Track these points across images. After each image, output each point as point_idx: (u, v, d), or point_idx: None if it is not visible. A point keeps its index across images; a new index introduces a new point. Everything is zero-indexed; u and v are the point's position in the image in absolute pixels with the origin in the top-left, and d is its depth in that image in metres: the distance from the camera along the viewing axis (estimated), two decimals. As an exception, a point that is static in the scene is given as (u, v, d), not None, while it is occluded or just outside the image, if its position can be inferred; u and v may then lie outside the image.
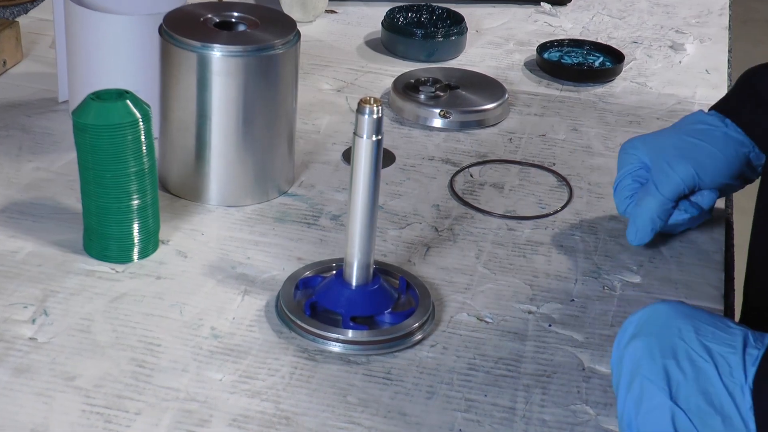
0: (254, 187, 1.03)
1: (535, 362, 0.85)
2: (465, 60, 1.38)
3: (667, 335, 0.71)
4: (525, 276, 0.96)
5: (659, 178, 0.98)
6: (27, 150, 1.08)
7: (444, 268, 0.96)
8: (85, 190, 0.90)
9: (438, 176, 1.11)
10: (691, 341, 0.70)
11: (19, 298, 0.87)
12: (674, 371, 0.69)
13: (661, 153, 0.99)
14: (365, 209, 0.84)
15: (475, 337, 0.87)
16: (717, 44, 1.50)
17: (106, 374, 0.80)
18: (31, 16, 1.41)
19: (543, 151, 1.18)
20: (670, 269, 0.98)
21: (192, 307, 0.88)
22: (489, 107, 1.22)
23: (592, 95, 1.32)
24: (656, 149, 0.99)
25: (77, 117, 0.88)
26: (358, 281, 0.87)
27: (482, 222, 1.04)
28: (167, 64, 0.99)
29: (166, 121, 1.02)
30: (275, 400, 0.79)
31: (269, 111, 1.00)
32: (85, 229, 0.92)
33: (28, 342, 0.82)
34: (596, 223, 1.05)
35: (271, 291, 0.90)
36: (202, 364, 0.82)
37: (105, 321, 0.85)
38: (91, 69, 1.10)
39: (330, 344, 0.84)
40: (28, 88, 1.22)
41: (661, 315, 0.72)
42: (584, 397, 0.82)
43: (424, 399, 0.80)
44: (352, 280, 0.87)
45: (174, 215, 1.00)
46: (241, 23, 1.02)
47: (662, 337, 0.71)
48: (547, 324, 0.90)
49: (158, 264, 0.93)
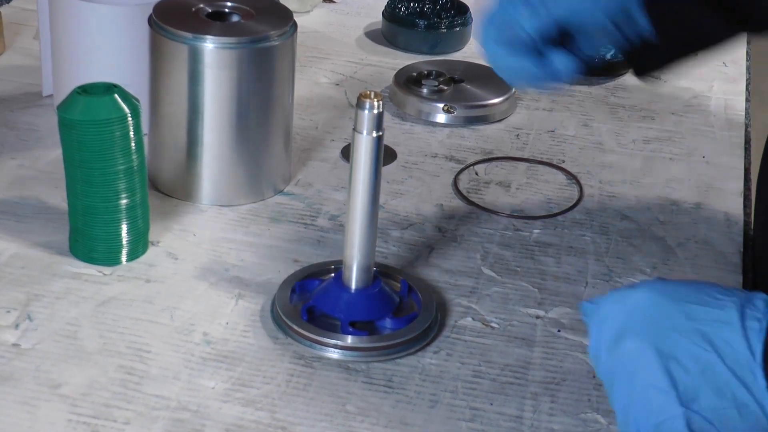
0: (249, 185, 1.03)
1: (543, 369, 0.85)
2: (470, 52, 1.38)
3: (660, 331, 0.69)
4: (533, 279, 0.96)
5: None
6: (10, 147, 1.09)
7: (448, 270, 0.96)
8: (71, 189, 0.91)
9: (441, 174, 1.11)
10: (686, 331, 0.68)
11: (2, 302, 0.87)
12: (678, 372, 0.67)
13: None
14: (365, 209, 0.84)
15: (480, 342, 0.88)
16: (735, 35, 1.50)
17: (93, 382, 0.80)
18: (14, 6, 1.42)
19: (552, 147, 1.18)
20: (684, 271, 0.98)
21: (183, 311, 0.88)
22: (495, 102, 1.23)
23: (603, 89, 1.32)
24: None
25: (63, 112, 0.88)
26: (357, 284, 0.87)
27: (488, 222, 1.04)
28: (157, 56, 1.00)
29: (156, 116, 1.02)
30: (271, 409, 0.79)
31: (264, 106, 1.01)
32: (71, 230, 0.93)
33: (11, 348, 0.83)
34: (608, 223, 1.05)
35: (266, 294, 0.90)
36: (194, 372, 0.82)
37: (92, 326, 0.86)
38: (77, 61, 1.10)
39: (328, 350, 0.84)
40: (10, 82, 1.22)
41: (645, 306, 0.70)
42: (595, 406, 0.82)
43: (427, 408, 0.81)
44: (351, 284, 0.87)
45: (164, 215, 1.00)
46: (234, 14, 1.02)
47: (655, 336, 0.69)
48: (556, 329, 0.90)
49: (148, 266, 0.93)
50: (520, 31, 0.83)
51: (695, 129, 1.25)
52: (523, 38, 0.83)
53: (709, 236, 1.04)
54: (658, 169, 1.15)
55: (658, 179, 1.13)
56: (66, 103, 0.89)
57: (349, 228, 0.85)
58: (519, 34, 0.83)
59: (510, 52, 0.84)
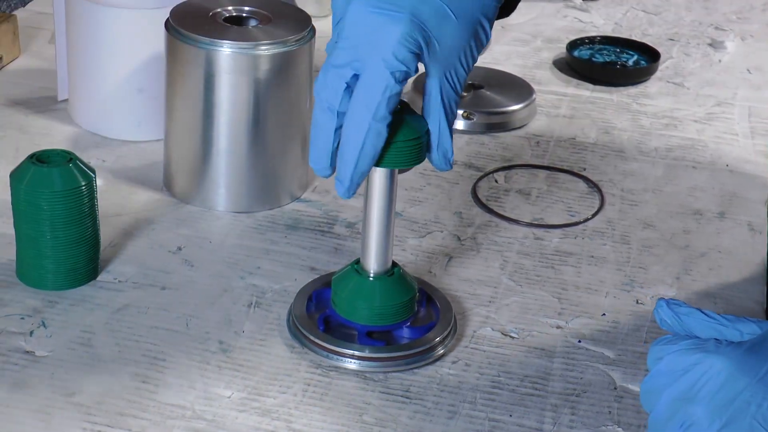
0: (265, 192, 1.03)
1: (563, 380, 0.85)
2: (490, 58, 1.38)
3: (738, 417, 0.63)
4: (553, 288, 0.96)
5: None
6: (24, 151, 1.08)
7: (466, 279, 0.96)
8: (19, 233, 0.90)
9: (460, 182, 1.11)
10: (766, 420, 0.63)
11: (16, 309, 0.88)
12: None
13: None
14: (382, 216, 0.84)
15: (499, 353, 0.88)
16: (759, 42, 1.50)
17: (107, 390, 0.80)
18: (30, 9, 1.42)
19: (572, 155, 1.18)
20: (708, 282, 0.98)
21: (199, 319, 0.88)
22: (515, 108, 1.23)
23: (625, 96, 1.32)
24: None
25: (15, 181, 0.88)
26: (375, 293, 0.87)
27: (507, 231, 1.04)
28: (174, 61, 1.00)
29: (172, 121, 1.03)
30: (287, 419, 0.79)
31: (282, 111, 1.01)
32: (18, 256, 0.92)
33: (26, 356, 0.83)
34: (629, 232, 1.05)
35: (282, 303, 0.91)
36: (209, 380, 0.82)
37: (107, 334, 0.86)
38: (92, 66, 1.11)
39: (345, 360, 0.84)
40: (25, 86, 1.23)
41: (721, 378, 0.64)
42: (616, 418, 0.82)
43: (445, 419, 0.81)
44: (368, 292, 0.87)
45: (180, 222, 1.00)
46: (252, 18, 1.03)
47: (732, 421, 0.63)
48: (577, 340, 0.90)
49: (163, 274, 0.93)
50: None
51: (718, 137, 1.24)
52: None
53: (733, 246, 1.04)
54: (680, 178, 1.15)
55: (680, 188, 1.13)
56: (19, 170, 0.88)
57: (366, 236, 0.85)
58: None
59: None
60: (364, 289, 0.85)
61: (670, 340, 0.68)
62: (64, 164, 0.87)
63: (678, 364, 0.66)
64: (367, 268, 0.85)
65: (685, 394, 0.65)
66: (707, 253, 1.02)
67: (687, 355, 0.66)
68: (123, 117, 1.13)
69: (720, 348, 0.65)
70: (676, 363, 0.66)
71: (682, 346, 0.67)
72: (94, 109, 1.13)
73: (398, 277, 0.86)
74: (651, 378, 0.67)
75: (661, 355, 0.67)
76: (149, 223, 1.00)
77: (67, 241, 0.88)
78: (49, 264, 0.89)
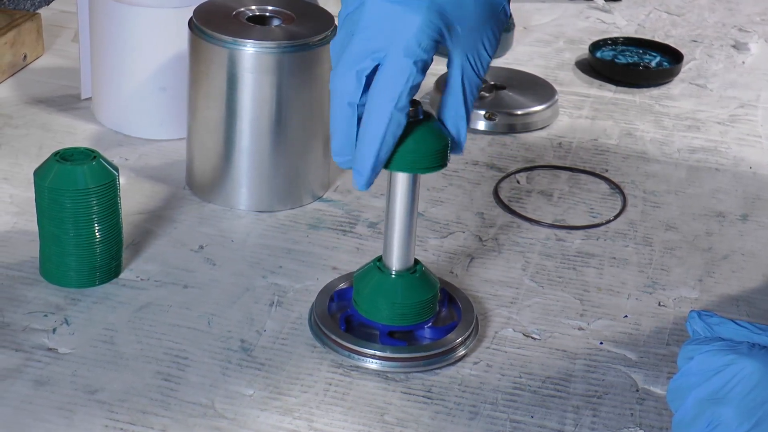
0: (287, 191, 1.04)
1: (585, 382, 0.85)
2: (512, 59, 1.38)
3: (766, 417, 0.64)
4: (575, 290, 0.96)
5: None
6: (48, 149, 1.10)
7: (488, 280, 0.96)
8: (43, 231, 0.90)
9: (482, 182, 1.11)
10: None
11: (39, 306, 0.88)
12: None
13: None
14: (404, 216, 0.84)
15: (521, 354, 0.88)
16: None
17: (130, 388, 0.81)
18: (53, 8, 1.43)
19: (595, 156, 1.18)
20: (730, 285, 0.98)
21: (221, 318, 0.89)
22: (537, 109, 1.23)
23: (647, 97, 1.32)
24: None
25: (40, 179, 0.88)
26: (396, 293, 0.87)
27: (529, 231, 1.04)
28: (197, 60, 1.01)
29: (195, 120, 1.03)
30: (308, 418, 0.79)
31: (304, 111, 1.01)
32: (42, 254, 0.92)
33: (48, 353, 0.83)
34: (651, 234, 1.05)
35: (304, 302, 0.91)
36: (231, 379, 0.82)
37: (129, 332, 0.86)
38: (115, 64, 1.11)
39: (366, 360, 0.84)
40: (49, 84, 1.24)
41: (753, 381, 0.65)
42: (638, 420, 0.82)
43: (466, 419, 0.81)
44: (390, 292, 0.87)
45: (202, 221, 1.01)
46: (275, 17, 1.03)
47: (761, 423, 0.64)
48: (598, 341, 0.90)
49: (186, 272, 0.94)
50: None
51: (742, 139, 1.24)
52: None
53: (756, 249, 1.03)
54: (703, 180, 1.15)
55: (703, 190, 1.13)
56: (42, 168, 0.88)
57: (388, 236, 0.85)
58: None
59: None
60: (386, 286, 0.85)
61: (703, 341, 0.68)
62: (87, 162, 0.88)
63: (709, 364, 0.67)
64: (389, 265, 0.85)
65: (714, 395, 0.66)
66: (730, 255, 1.02)
67: (719, 355, 0.66)
68: (146, 115, 1.13)
69: (753, 351, 0.66)
70: (708, 363, 0.67)
71: (714, 347, 0.67)
72: (117, 108, 1.14)
73: (420, 275, 0.86)
74: (680, 376, 0.68)
75: (693, 355, 0.68)
76: (172, 222, 1.01)
77: (90, 239, 0.89)
78: (72, 262, 0.90)
